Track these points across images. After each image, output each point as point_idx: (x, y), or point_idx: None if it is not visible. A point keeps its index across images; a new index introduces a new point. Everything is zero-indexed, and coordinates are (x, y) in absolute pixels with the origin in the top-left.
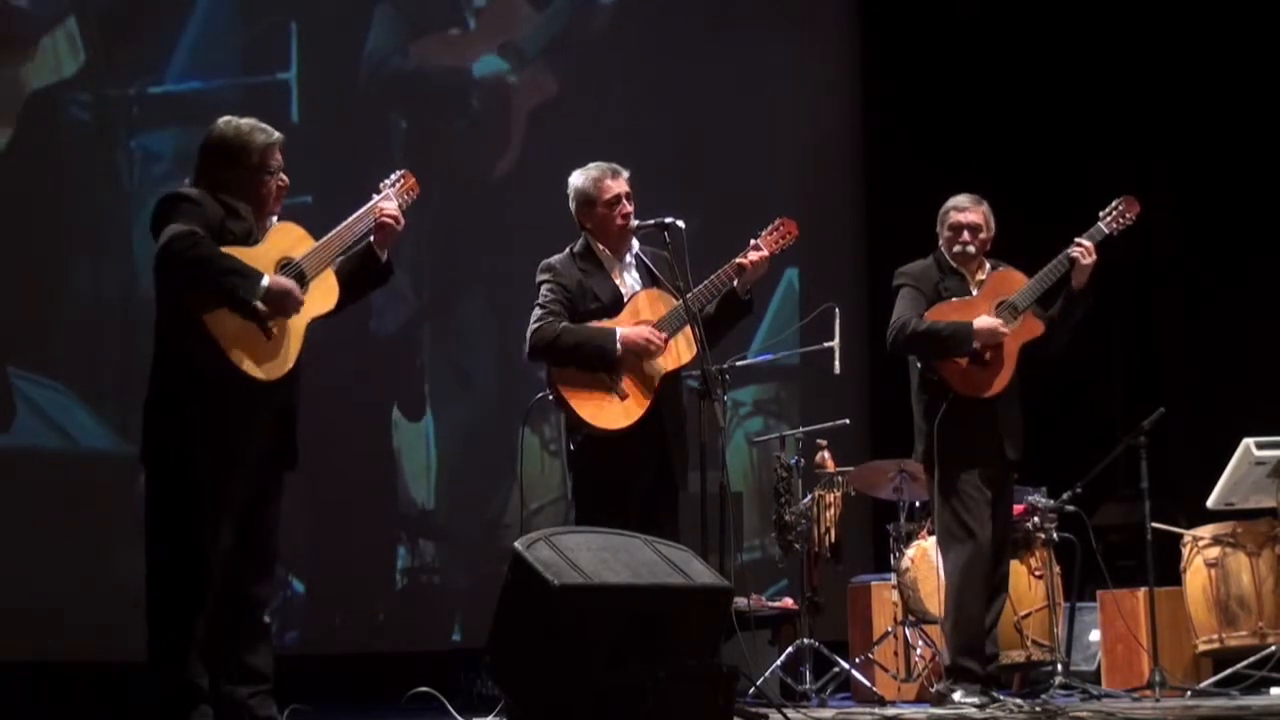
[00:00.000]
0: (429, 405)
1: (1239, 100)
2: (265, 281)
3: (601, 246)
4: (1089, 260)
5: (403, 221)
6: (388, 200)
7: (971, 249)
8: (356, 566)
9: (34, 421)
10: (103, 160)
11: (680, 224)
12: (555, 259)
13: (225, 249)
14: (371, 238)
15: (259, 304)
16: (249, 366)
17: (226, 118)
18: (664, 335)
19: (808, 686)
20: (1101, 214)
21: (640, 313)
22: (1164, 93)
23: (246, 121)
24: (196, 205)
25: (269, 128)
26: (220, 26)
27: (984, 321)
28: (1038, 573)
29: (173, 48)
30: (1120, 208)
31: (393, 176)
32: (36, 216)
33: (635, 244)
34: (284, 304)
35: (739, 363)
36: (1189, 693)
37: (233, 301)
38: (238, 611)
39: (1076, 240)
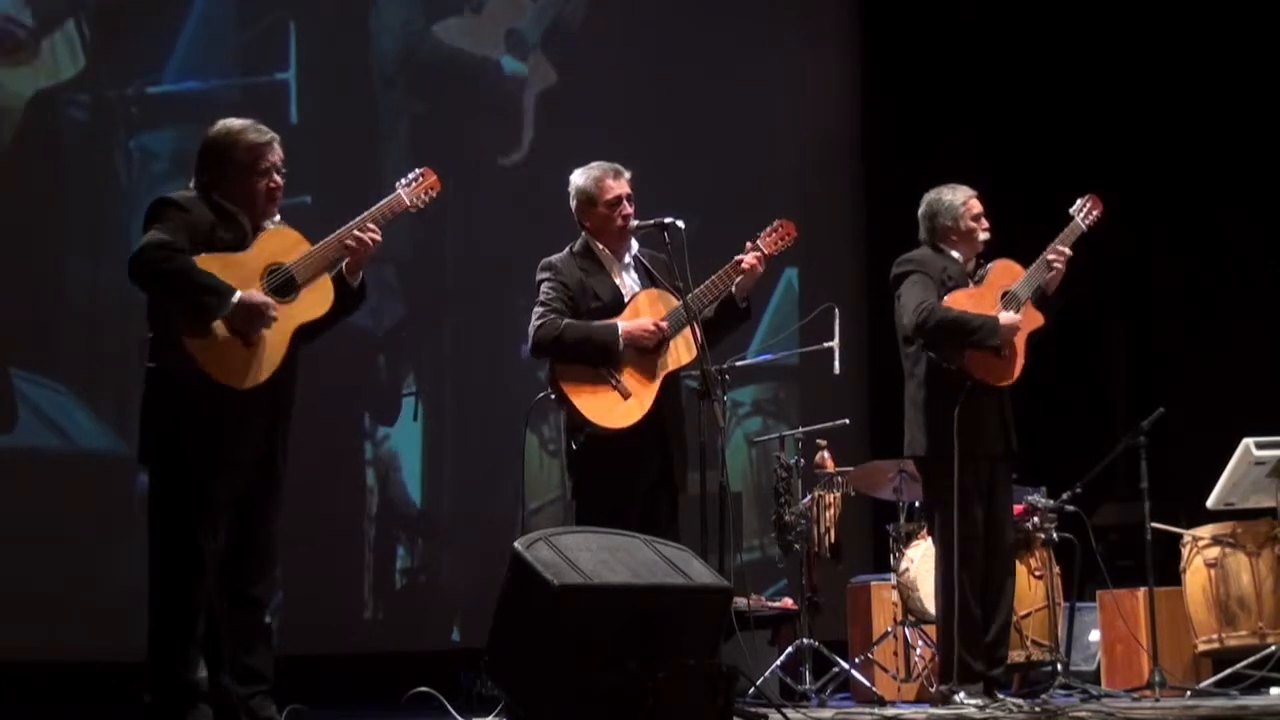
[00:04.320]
0: (428, 405)
1: (1238, 99)
2: (236, 298)
3: (601, 246)
4: (1063, 266)
5: (373, 246)
6: (375, 220)
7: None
8: (356, 567)
9: (34, 422)
10: (101, 160)
11: (680, 224)
12: (555, 257)
13: (207, 257)
14: (344, 262)
15: (225, 320)
16: (225, 378)
17: (226, 120)
18: (665, 324)
19: (807, 686)
20: (1073, 211)
21: (640, 313)
22: (1164, 92)
23: (241, 121)
24: (184, 211)
25: (264, 128)
26: (218, 26)
27: (1006, 317)
28: (1037, 573)
29: (171, 48)
30: (1088, 205)
31: (412, 174)
32: (35, 217)
33: (635, 244)
34: (253, 320)
35: (739, 363)
36: (1189, 693)
37: (199, 320)
38: (238, 612)
39: (1054, 247)
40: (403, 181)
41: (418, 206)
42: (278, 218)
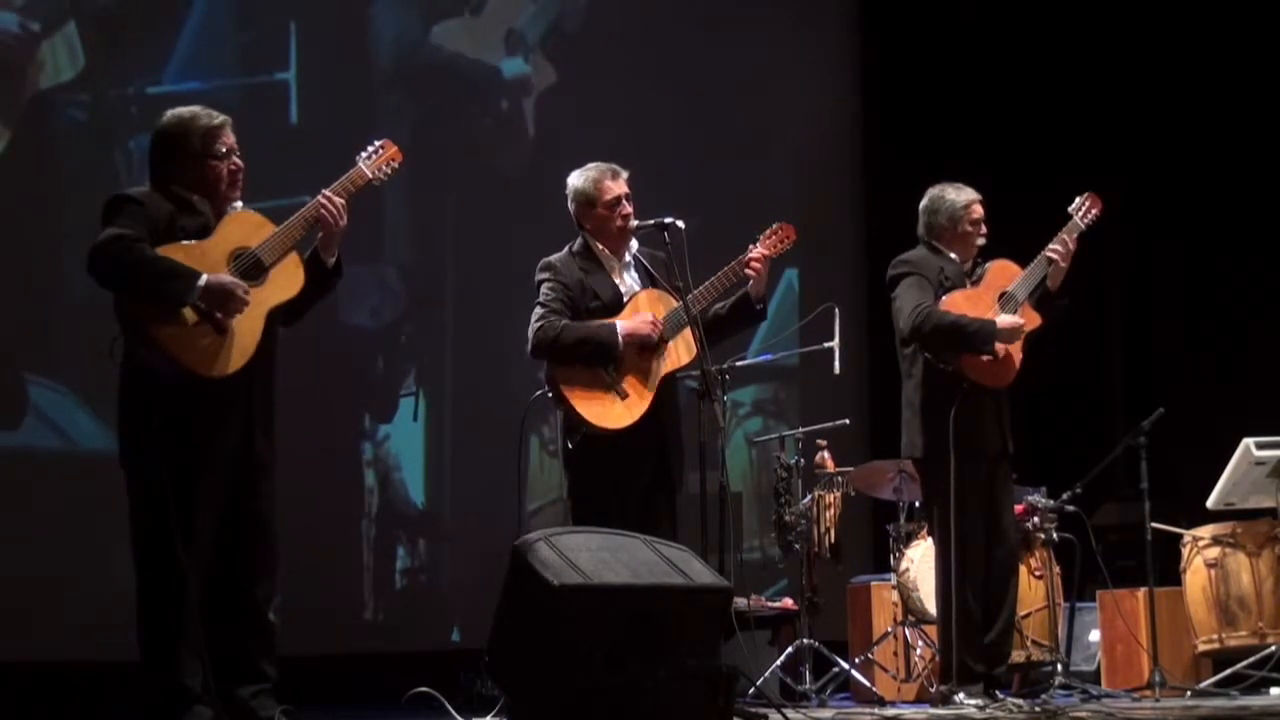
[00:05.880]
0: (428, 404)
1: (1238, 99)
2: (202, 281)
3: (601, 246)
4: (1066, 262)
5: (344, 218)
6: (336, 193)
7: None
8: (356, 567)
9: (34, 422)
10: (101, 161)
11: (680, 224)
12: (555, 257)
13: (169, 247)
14: (317, 239)
15: (197, 304)
16: (199, 366)
17: (173, 109)
18: (662, 321)
19: (807, 687)
20: (1072, 209)
21: (640, 312)
22: (1163, 91)
23: (189, 109)
24: (139, 205)
25: (213, 112)
26: (219, 27)
27: (1005, 320)
28: (1038, 573)
29: (171, 48)
30: (1086, 204)
31: (372, 146)
32: (35, 217)
33: (634, 244)
34: (225, 303)
35: (739, 363)
36: (1189, 693)
37: (168, 306)
38: (239, 611)
39: (1054, 243)
40: (363, 154)
41: (380, 179)
42: (239, 204)
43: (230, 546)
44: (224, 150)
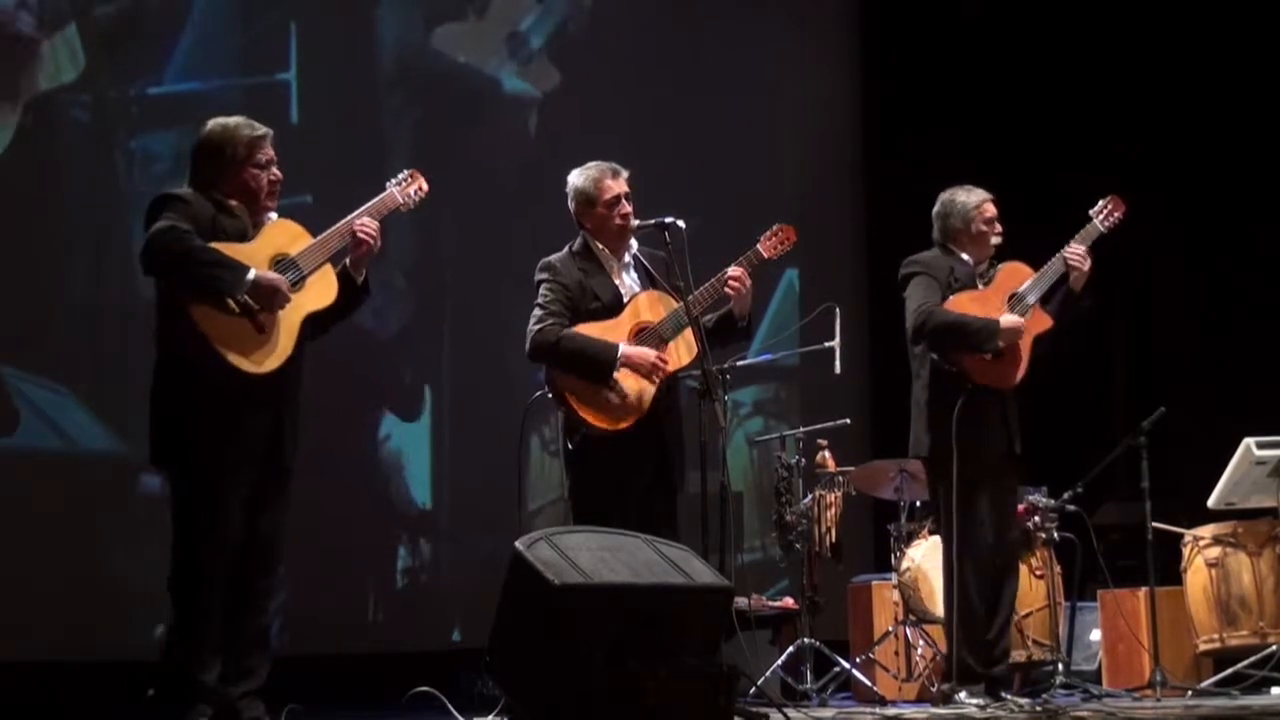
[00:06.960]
0: (429, 405)
1: (1240, 99)
2: (251, 275)
3: (601, 246)
4: (1086, 266)
5: (379, 242)
6: (370, 215)
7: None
8: (357, 567)
9: (34, 423)
10: (102, 161)
11: (680, 224)
12: (554, 258)
13: (215, 245)
14: (348, 258)
15: (245, 297)
16: (238, 360)
17: (217, 118)
18: (668, 362)
19: (808, 686)
20: (1093, 212)
21: (641, 314)
22: (1165, 92)
23: (234, 119)
24: (185, 204)
25: (256, 123)
26: (219, 27)
27: (1008, 320)
28: (1038, 572)
29: (172, 49)
30: (1109, 207)
31: (401, 175)
32: (36, 218)
33: (634, 244)
34: (271, 298)
35: (739, 363)
36: (1190, 692)
37: (216, 294)
38: (237, 610)
39: (1070, 246)
40: (393, 181)
41: (409, 205)
42: (274, 215)
43: (242, 544)
44: (265, 160)
